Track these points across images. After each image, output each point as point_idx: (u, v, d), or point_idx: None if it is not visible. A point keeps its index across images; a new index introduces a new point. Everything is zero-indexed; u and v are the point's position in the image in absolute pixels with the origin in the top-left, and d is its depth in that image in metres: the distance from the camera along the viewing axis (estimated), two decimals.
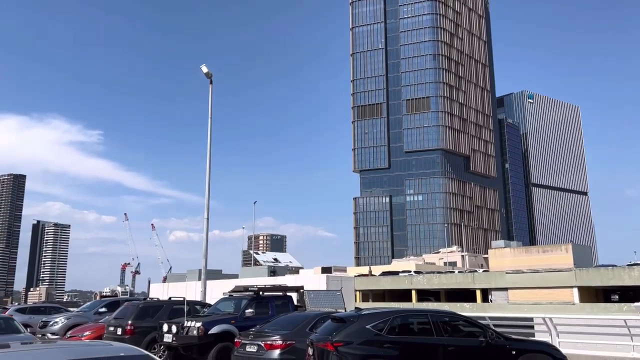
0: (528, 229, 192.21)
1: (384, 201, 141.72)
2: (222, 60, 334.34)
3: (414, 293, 56.01)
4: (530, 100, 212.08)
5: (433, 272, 63.63)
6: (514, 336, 9.89)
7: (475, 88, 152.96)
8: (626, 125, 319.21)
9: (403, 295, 56.55)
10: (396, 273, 64.59)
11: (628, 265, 48.97)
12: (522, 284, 47.83)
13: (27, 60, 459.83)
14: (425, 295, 58.32)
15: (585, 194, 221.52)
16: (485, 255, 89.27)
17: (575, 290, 44.93)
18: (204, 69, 21.74)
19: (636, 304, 31.55)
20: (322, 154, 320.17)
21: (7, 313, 23.28)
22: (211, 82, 22.14)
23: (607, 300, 51.13)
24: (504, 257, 65.10)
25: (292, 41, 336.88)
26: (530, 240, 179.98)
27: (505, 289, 48.91)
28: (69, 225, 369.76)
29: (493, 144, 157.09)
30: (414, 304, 49.18)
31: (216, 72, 21.28)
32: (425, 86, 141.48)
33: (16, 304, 43.20)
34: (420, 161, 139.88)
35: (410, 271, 66.91)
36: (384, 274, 66.00)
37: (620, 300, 48.71)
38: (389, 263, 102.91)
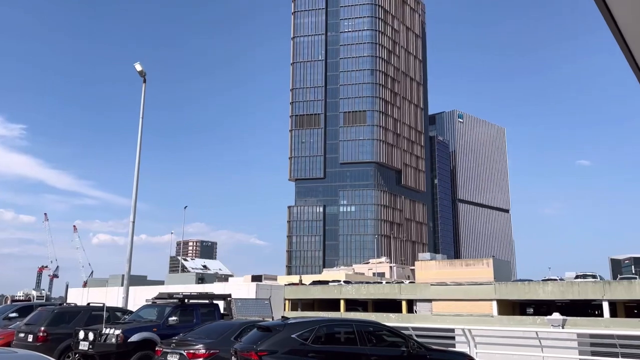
0: (453, 242, 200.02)
1: (317, 211, 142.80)
2: (158, 59, 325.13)
3: (342, 303, 56.61)
4: (460, 120, 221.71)
5: (362, 282, 64.67)
6: (434, 346, 10.21)
7: (409, 105, 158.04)
8: (547, 149, 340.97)
9: (332, 304, 57.01)
10: (326, 282, 65.04)
11: (543, 280, 52.06)
12: (445, 296, 49.57)
13: None
14: (353, 305, 59.10)
15: (507, 211, 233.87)
16: (413, 267, 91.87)
17: (495, 303, 47.13)
18: (138, 67, 21.08)
19: (548, 317, 33.57)
20: (258, 162, 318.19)
21: None
22: (145, 81, 21.51)
23: (523, 313, 54.04)
24: (430, 269, 67.31)
25: (233, 47, 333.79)
26: (455, 253, 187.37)
27: (430, 300, 50.50)
28: None
29: (424, 159, 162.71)
30: (343, 314, 49.71)
31: (151, 70, 20.69)
32: (362, 100, 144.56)
33: None
34: (354, 173, 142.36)
35: (340, 281, 67.62)
36: (314, 283, 66.29)
37: (535, 314, 51.65)
38: (320, 272, 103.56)
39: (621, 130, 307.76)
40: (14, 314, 18.63)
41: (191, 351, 10.67)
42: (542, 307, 52.01)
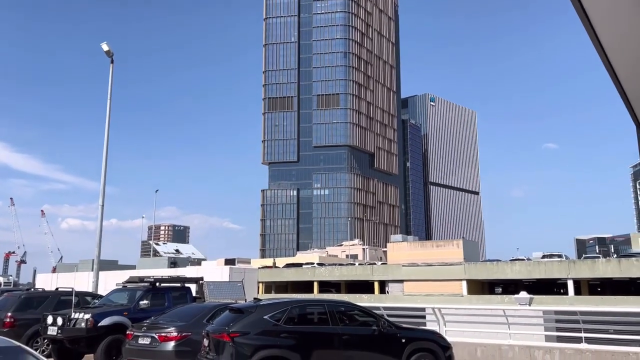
0: (425, 224, 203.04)
1: (291, 194, 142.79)
2: (128, 41, 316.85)
3: (316, 285, 57.10)
4: (432, 103, 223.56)
5: (335, 265, 65.24)
6: (405, 325, 10.39)
7: (382, 88, 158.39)
8: (515, 132, 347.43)
9: (306, 286, 57.42)
10: (300, 265, 65.40)
11: (511, 260, 53.42)
12: (416, 277, 50.46)
13: None
14: (327, 286, 59.67)
15: (477, 193, 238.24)
16: (385, 249, 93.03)
17: (464, 282, 48.23)
18: (105, 47, 20.53)
19: (515, 295, 34.52)
20: (231, 145, 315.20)
21: None
22: (112, 62, 20.98)
23: (492, 292, 55.48)
24: (401, 250, 68.25)
25: (204, 26, 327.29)
26: (427, 235, 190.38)
27: (401, 281, 51.34)
28: None
29: (396, 142, 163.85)
30: (316, 296, 50.14)
31: (121, 52, 20.16)
32: (336, 83, 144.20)
33: None
34: (328, 156, 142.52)
35: (313, 263, 68.06)
36: (288, 265, 66.58)
37: (503, 293, 53.09)
38: (294, 255, 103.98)
39: (587, 115, 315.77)
40: None
41: (163, 334, 10.61)
42: (510, 287, 53.48)
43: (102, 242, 20.09)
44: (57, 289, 15.93)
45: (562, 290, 52.71)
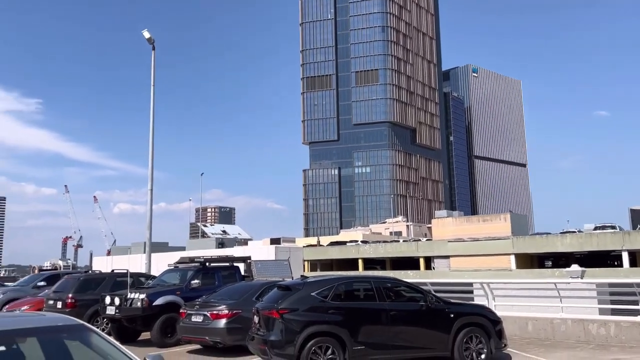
0: (470, 199, 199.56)
1: (332, 173, 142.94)
2: (168, 28, 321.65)
3: (360, 262, 57.32)
4: (475, 75, 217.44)
5: (379, 242, 65.18)
6: (453, 300, 10.32)
7: (422, 61, 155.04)
8: (563, 100, 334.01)
9: (350, 264, 57.76)
10: (344, 243, 65.73)
11: (561, 233, 51.93)
12: (463, 252, 49.84)
13: None
14: (371, 263, 59.79)
15: (524, 165, 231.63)
16: (429, 225, 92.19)
17: (513, 257, 47.30)
18: (146, 35, 20.87)
19: (567, 269, 33.66)
20: (272, 126, 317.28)
21: None
22: (154, 48, 21.33)
23: (542, 266, 54.23)
24: (447, 226, 67.46)
25: (240, 8, 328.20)
26: (472, 210, 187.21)
27: (447, 256, 50.85)
28: (4, 198, 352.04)
29: (438, 116, 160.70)
30: (361, 273, 50.38)
31: (163, 40, 20.49)
32: (374, 58, 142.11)
33: None
34: (368, 133, 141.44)
35: (357, 241, 68.24)
36: (332, 244, 67.02)
37: (553, 266, 51.80)
38: (337, 234, 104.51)
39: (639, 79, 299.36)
40: (42, 283, 19.23)
41: (214, 312, 10.96)
42: (561, 260, 52.10)
43: (152, 225, 20.76)
44: (112, 270, 16.62)
45: (616, 263, 50.92)
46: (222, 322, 10.76)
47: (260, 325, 8.68)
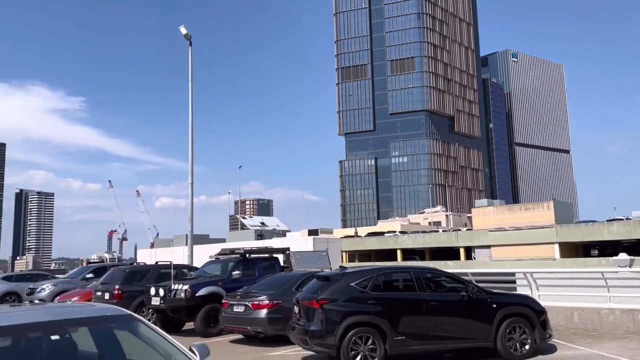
0: (511, 187, 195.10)
1: (369, 163, 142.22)
2: (205, 25, 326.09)
3: (399, 252, 56.99)
4: (514, 59, 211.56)
5: (418, 232, 64.61)
6: (495, 290, 10.14)
7: (459, 47, 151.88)
8: (608, 84, 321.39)
9: (389, 254, 57.52)
10: (382, 234, 65.47)
11: (607, 220, 50.19)
12: (504, 242, 48.86)
13: (3, 27, 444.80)
14: (410, 254, 59.37)
15: (568, 151, 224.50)
16: (469, 215, 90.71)
17: (556, 246, 46.06)
18: (183, 30, 21.24)
19: (614, 257, 32.53)
20: (307, 117, 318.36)
21: None
22: (190, 44, 21.68)
23: (587, 255, 52.59)
24: (487, 215, 66.19)
25: (273, 2, 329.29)
26: (513, 198, 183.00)
27: (488, 246, 49.97)
28: (53, 194, 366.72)
29: (477, 104, 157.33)
30: (400, 263, 50.11)
31: (200, 36, 20.82)
32: (410, 46, 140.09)
33: (2, 272, 43.30)
34: (405, 123, 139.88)
35: (395, 231, 67.85)
36: (370, 234, 66.88)
37: (600, 255, 50.15)
38: (375, 224, 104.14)
39: None
40: (90, 275, 19.98)
41: (255, 302, 11.13)
42: (608, 248, 50.38)
43: (193, 218, 21.21)
44: (156, 262, 17.07)
45: None
46: (263, 312, 10.92)
47: (301, 315, 8.77)
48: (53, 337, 3.33)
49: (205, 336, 12.51)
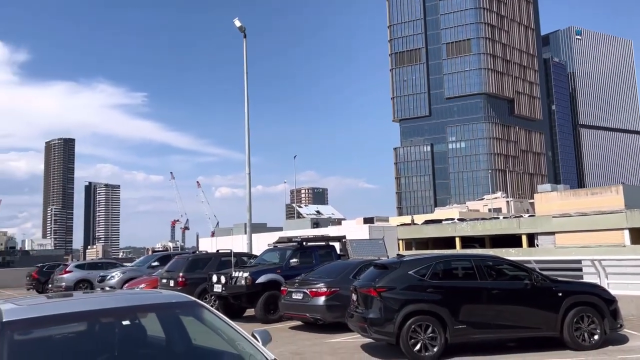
0: (576, 171, 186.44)
1: (425, 150, 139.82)
2: (257, 16, 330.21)
3: (457, 240, 55.80)
4: (578, 37, 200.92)
5: (477, 219, 63.04)
6: (560, 278, 9.77)
7: (518, 27, 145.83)
8: None
9: (447, 242, 56.46)
10: (439, 221, 64.31)
11: None
12: (569, 228, 46.80)
13: (71, 26, 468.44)
14: (469, 242, 58.03)
15: (638, 132, 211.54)
16: (531, 200, 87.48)
17: (627, 232, 43.58)
18: (237, 23, 21.55)
19: None
20: (360, 105, 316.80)
21: (67, 269, 24.77)
22: (245, 36, 21.98)
23: None
24: (551, 201, 63.60)
25: None
26: (579, 183, 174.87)
27: (552, 233, 48.02)
28: (119, 186, 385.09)
29: (538, 85, 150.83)
30: (458, 251, 49.17)
31: (249, 26, 21.10)
32: (466, 28, 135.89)
33: (75, 260, 46.09)
34: (462, 107, 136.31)
35: (453, 219, 66.50)
36: (427, 222, 65.87)
37: None
38: (432, 212, 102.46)
39: None
40: (155, 263, 20.89)
41: (313, 289, 11.26)
42: None
43: (251, 207, 21.66)
44: (217, 251, 17.59)
45: None
46: (322, 300, 11.04)
47: (359, 303, 8.79)
48: (124, 322, 3.50)
49: (265, 322, 12.81)
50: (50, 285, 25.04)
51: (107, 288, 19.24)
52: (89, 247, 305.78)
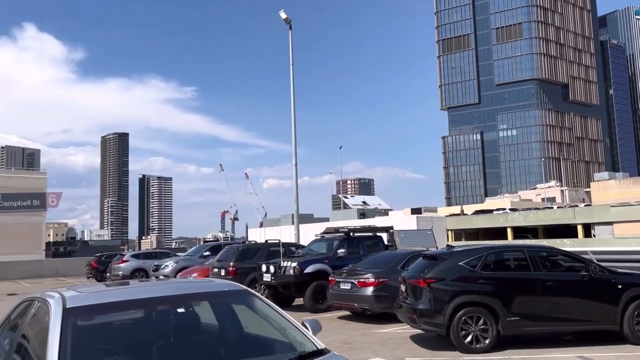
0: (636, 159, 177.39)
1: (474, 138, 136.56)
2: (302, 6, 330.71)
3: (509, 231, 54.40)
4: (638, 17, 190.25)
5: (530, 209, 61.18)
6: (620, 270, 9.37)
7: (573, 8, 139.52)
8: None
9: (498, 233, 55.14)
10: (490, 211, 62.81)
11: None
12: (629, 217, 44.69)
13: (122, 24, 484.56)
14: (521, 232, 56.47)
15: None
16: (587, 189, 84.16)
17: None
18: (283, 15, 21.64)
19: None
20: (407, 94, 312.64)
21: (124, 259, 25.81)
22: (290, 28, 22.06)
23: None
24: (609, 189, 60.98)
25: None
26: (639, 171, 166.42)
27: (610, 223, 46.02)
28: (171, 178, 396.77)
29: (595, 69, 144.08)
30: (511, 242, 47.91)
31: (294, 17, 21.15)
32: (517, 12, 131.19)
33: (131, 250, 48.02)
34: (513, 93, 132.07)
35: (505, 209, 64.80)
36: (477, 212, 64.48)
37: None
38: (482, 202, 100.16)
39: None
40: (207, 253, 21.44)
41: (361, 280, 11.26)
42: None
43: (298, 198, 21.84)
44: (266, 241, 17.86)
45: None
46: (370, 290, 11.03)
47: (408, 293, 8.72)
48: (179, 310, 3.61)
49: (314, 312, 12.93)
50: (108, 274, 26.21)
51: (161, 277, 19.91)
52: (143, 237, 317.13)
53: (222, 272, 15.59)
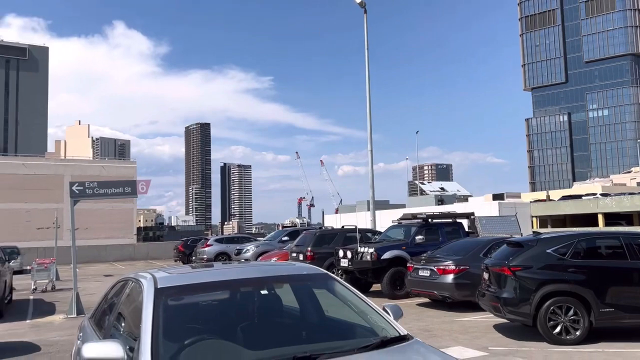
0: None
1: (561, 120, 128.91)
2: None
3: (600, 217, 50.98)
4: None
5: (624, 194, 56.98)
6: None
7: None
8: None
9: (587, 219, 51.79)
10: (579, 197, 59.11)
11: None
12: None
13: (202, 18, 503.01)
14: (614, 219, 52.76)
15: None
16: None
17: None
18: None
19: None
20: (486, 75, 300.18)
21: (208, 243, 27.00)
22: (365, 12, 21.80)
23: None
24: None
25: None
26: None
27: None
28: (250, 166, 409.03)
29: None
30: (602, 229, 44.97)
31: (369, 1, 20.92)
32: None
33: (215, 235, 50.30)
34: (604, 71, 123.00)
35: (595, 194, 60.79)
36: (564, 198, 60.95)
37: None
38: (569, 187, 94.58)
39: None
40: (285, 238, 21.96)
41: (441, 267, 11.02)
42: None
43: (374, 184, 21.70)
44: (343, 227, 17.96)
45: None
46: (450, 277, 10.77)
47: (491, 282, 8.43)
48: (262, 292, 3.69)
49: (392, 298, 12.86)
50: (194, 257, 27.56)
51: (243, 260, 20.64)
52: (225, 222, 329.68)
53: (300, 257, 15.89)
